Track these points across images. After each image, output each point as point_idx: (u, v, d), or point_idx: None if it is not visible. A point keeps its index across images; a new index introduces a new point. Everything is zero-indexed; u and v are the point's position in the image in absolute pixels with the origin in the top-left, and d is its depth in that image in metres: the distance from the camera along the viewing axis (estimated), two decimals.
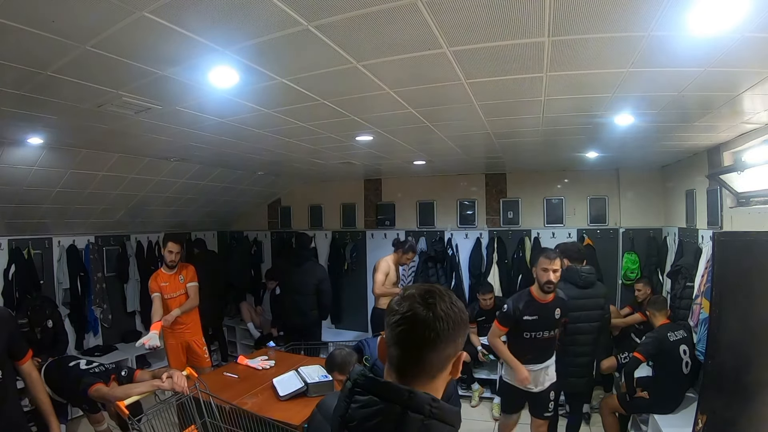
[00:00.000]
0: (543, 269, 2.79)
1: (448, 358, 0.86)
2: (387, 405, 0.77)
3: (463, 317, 0.87)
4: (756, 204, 2.93)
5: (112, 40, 1.50)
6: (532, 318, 2.83)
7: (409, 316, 0.83)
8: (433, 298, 0.85)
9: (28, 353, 2.11)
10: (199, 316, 3.92)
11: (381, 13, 1.37)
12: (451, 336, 0.84)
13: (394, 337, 0.85)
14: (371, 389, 0.80)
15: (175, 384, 2.34)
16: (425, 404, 0.77)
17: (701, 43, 1.54)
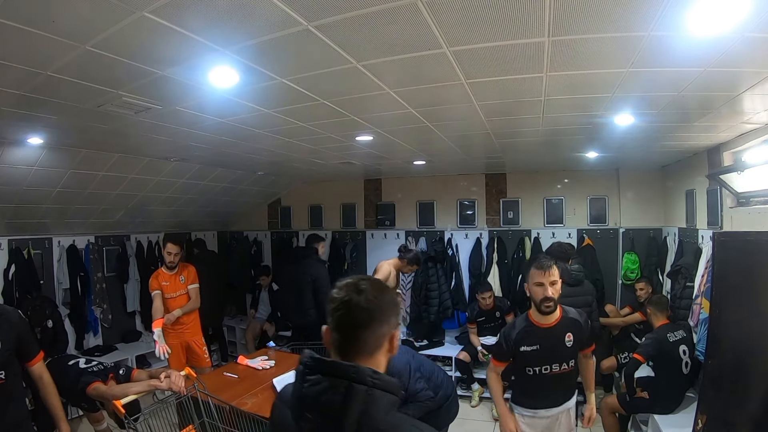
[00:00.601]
0: (537, 284, 2.16)
1: (383, 336, 0.99)
2: (334, 380, 0.88)
3: (392, 300, 1.01)
4: (756, 204, 2.93)
5: (112, 40, 1.50)
6: (532, 348, 2.21)
7: (346, 302, 0.96)
8: (363, 286, 0.98)
9: (39, 355, 2.08)
10: (199, 316, 3.93)
11: (381, 13, 1.37)
12: (383, 316, 0.97)
13: (334, 322, 0.97)
14: (320, 369, 0.91)
15: (172, 384, 2.33)
16: (367, 376, 0.89)
17: (701, 43, 1.54)
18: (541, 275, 2.14)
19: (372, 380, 0.89)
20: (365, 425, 0.87)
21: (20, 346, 1.97)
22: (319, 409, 0.89)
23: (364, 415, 0.87)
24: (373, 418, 0.88)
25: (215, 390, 2.60)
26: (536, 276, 2.16)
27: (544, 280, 2.13)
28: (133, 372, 2.72)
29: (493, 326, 4.65)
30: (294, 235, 6.22)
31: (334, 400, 0.87)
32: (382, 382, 0.90)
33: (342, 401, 0.87)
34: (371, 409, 0.88)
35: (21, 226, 4.14)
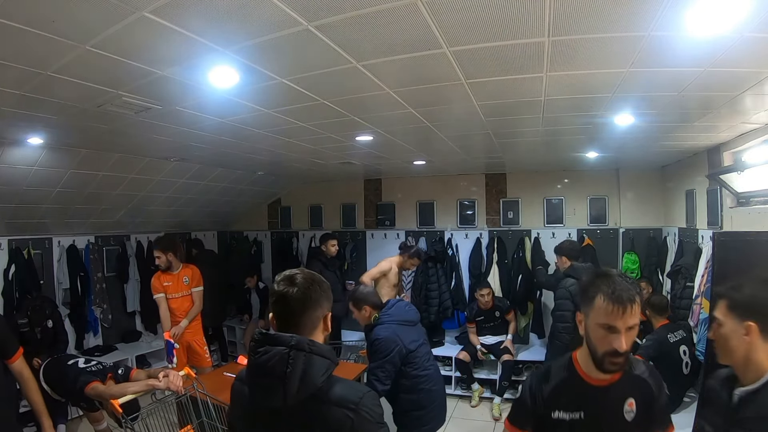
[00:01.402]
0: (604, 326, 1.27)
1: (317, 318, 1.18)
2: (279, 349, 1.08)
3: (321, 288, 1.19)
4: (756, 204, 2.93)
5: (112, 40, 1.50)
6: (572, 416, 1.35)
7: (283, 294, 1.14)
8: (298, 279, 1.16)
9: (18, 352, 2.07)
10: (200, 316, 3.93)
11: (381, 13, 1.37)
12: (311, 304, 1.15)
13: (275, 311, 1.17)
14: (267, 341, 1.10)
15: (171, 383, 2.33)
16: (305, 344, 1.09)
17: (701, 43, 1.54)
18: (617, 314, 1.22)
19: (309, 347, 1.09)
20: (305, 383, 1.06)
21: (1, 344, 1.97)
22: (268, 373, 1.07)
23: (305, 375, 1.06)
24: (312, 377, 1.07)
25: (215, 390, 2.60)
26: (606, 312, 1.24)
27: (619, 324, 1.22)
28: (132, 372, 2.72)
29: (492, 326, 4.65)
30: (294, 235, 6.22)
31: (278, 364, 1.06)
32: (318, 348, 1.10)
33: (285, 365, 1.06)
34: (310, 370, 1.07)
35: (21, 226, 4.14)
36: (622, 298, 1.23)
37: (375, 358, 2.48)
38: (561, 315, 3.38)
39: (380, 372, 2.45)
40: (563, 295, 3.39)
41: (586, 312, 1.32)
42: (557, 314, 3.44)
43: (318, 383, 1.08)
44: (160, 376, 2.40)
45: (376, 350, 2.48)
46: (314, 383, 1.07)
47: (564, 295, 3.39)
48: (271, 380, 1.07)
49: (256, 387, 1.11)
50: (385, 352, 2.46)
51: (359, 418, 1.09)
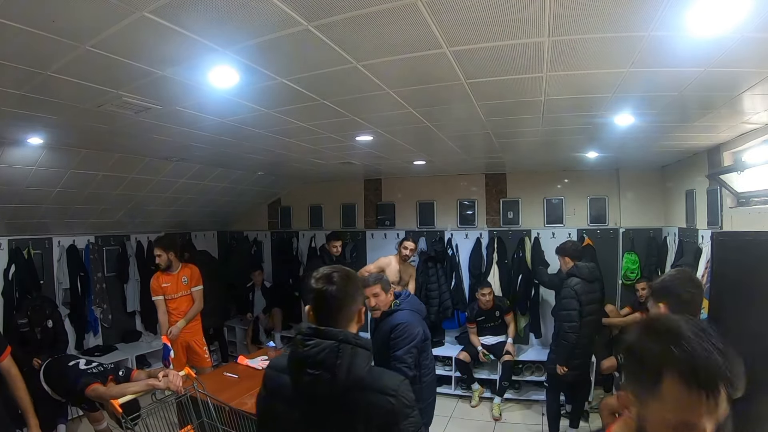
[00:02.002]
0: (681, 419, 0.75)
1: (352, 312, 1.30)
2: (329, 342, 1.19)
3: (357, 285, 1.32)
4: (756, 204, 2.93)
5: (112, 40, 1.50)
6: None
7: (322, 291, 1.26)
8: (334, 276, 1.27)
9: (6, 351, 2.09)
10: (200, 316, 3.93)
11: (381, 13, 1.37)
12: (350, 299, 1.28)
13: (314, 307, 1.28)
14: (317, 335, 1.21)
15: (170, 383, 2.33)
16: (351, 338, 1.21)
17: (701, 43, 1.54)
18: (700, 405, 0.74)
19: (355, 340, 1.21)
20: (352, 373, 1.18)
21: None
22: (318, 364, 1.17)
23: (351, 367, 1.18)
24: (357, 368, 1.19)
25: (215, 390, 2.60)
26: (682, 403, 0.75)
27: (704, 420, 0.75)
28: (132, 373, 2.72)
29: (492, 326, 4.65)
30: (294, 235, 6.22)
31: (329, 356, 1.17)
32: (362, 341, 1.23)
33: (335, 356, 1.17)
34: (356, 361, 1.19)
35: (21, 226, 4.14)
36: (712, 377, 0.75)
37: (402, 343, 2.40)
38: (567, 314, 3.40)
39: (409, 357, 2.39)
40: (569, 294, 3.41)
41: (641, 397, 0.81)
42: (563, 314, 3.44)
43: (362, 373, 1.20)
44: (159, 376, 2.40)
45: (402, 335, 2.41)
46: (359, 373, 1.19)
47: (569, 294, 3.40)
48: (321, 372, 1.16)
49: (306, 377, 1.18)
50: (412, 335, 2.42)
51: (399, 403, 1.20)
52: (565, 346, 3.41)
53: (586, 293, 3.41)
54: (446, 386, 4.70)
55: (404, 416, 1.20)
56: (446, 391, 4.68)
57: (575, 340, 3.36)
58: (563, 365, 3.44)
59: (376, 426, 1.18)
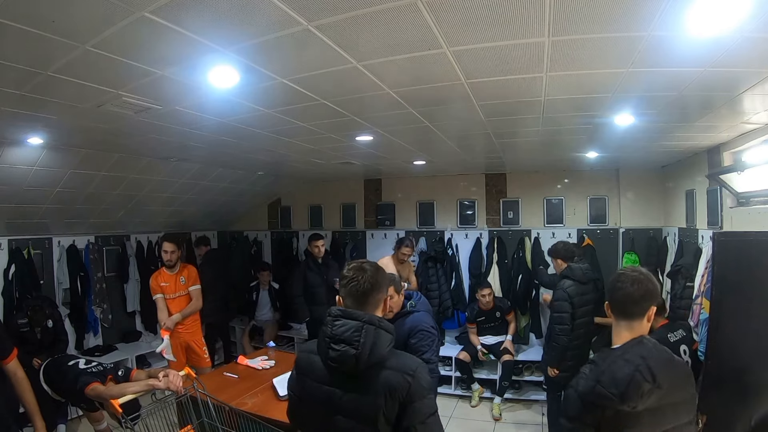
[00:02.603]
0: None
1: (379, 300, 1.46)
2: (354, 322, 1.34)
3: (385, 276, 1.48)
4: (756, 204, 2.93)
5: (112, 40, 1.50)
6: None
7: (353, 278, 1.42)
8: (366, 267, 1.45)
9: (12, 353, 2.09)
10: (199, 316, 3.94)
11: (381, 13, 1.37)
12: (377, 288, 1.43)
13: (346, 292, 1.43)
14: (344, 315, 1.37)
15: (170, 383, 2.33)
16: (375, 320, 1.36)
17: (701, 43, 1.54)
18: None
19: (379, 322, 1.36)
20: (374, 352, 1.31)
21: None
22: (343, 341, 1.32)
23: (374, 346, 1.31)
24: (379, 347, 1.33)
25: (215, 390, 2.60)
26: None
27: None
28: (132, 372, 2.72)
29: (492, 326, 4.65)
30: (294, 235, 6.22)
31: (353, 335, 1.32)
32: (385, 324, 1.37)
33: (360, 335, 1.31)
34: (378, 341, 1.33)
35: (21, 226, 4.14)
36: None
37: (427, 347, 2.38)
38: (559, 317, 3.36)
39: (435, 357, 2.40)
40: (561, 296, 3.37)
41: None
42: (555, 316, 3.42)
43: (384, 352, 1.34)
44: (159, 376, 2.40)
45: (426, 338, 2.39)
46: (381, 352, 1.33)
47: (561, 297, 3.36)
48: (347, 348, 1.31)
49: (333, 352, 1.33)
50: (433, 337, 2.42)
51: (416, 383, 1.32)
52: (556, 348, 3.38)
53: (579, 295, 3.37)
54: (446, 386, 4.70)
55: (420, 396, 1.32)
56: (446, 391, 4.68)
57: (566, 343, 3.33)
58: (554, 367, 3.43)
59: (396, 401, 1.30)
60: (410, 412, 1.31)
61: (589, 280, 3.48)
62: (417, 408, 1.31)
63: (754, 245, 2.22)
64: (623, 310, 1.56)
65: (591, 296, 3.50)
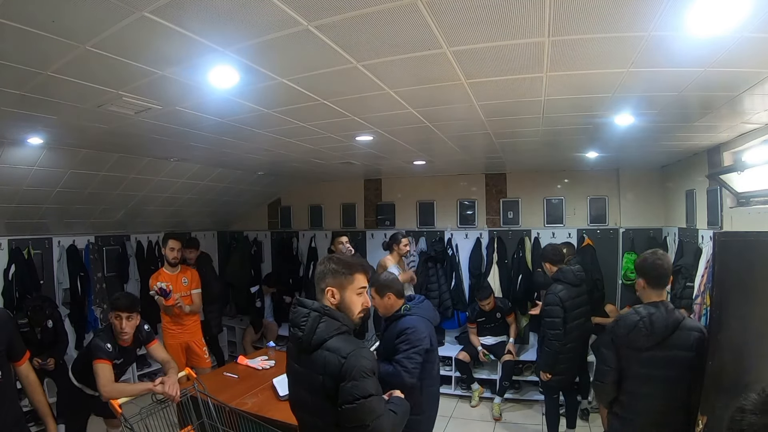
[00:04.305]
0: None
1: (325, 285, 1.63)
2: (303, 309, 1.60)
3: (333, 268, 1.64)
4: (756, 204, 2.93)
5: (112, 40, 1.50)
6: None
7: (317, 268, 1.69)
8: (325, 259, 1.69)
9: (26, 355, 2.09)
10: (199, 317, 3.94)
11: (381, 13, 1.37)
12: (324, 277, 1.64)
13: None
14: (298, 304, 1.63)
15: (168, 389, 2.34)
16: (320, 308, 1.58)
17: (701, 43, 1.54)
18: None
19: (324, 311, 1.57)
20: (317, 336, 1.54)
21: (10, 346, 1.98)
22: (296, 325, 1.58)
23: (317, 330, 1.54)
24: (322, 332, 1.54)
25: (215, 390, 2.60)
26: None
27: None
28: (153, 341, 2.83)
29: (493, 327, 4.65)
30: (294, 235, 6.22)
31: (303, 320, 1.57)
32: (330, 312, 1.58)
33: (306, 321, 1.56)
34: (321, 326, 1.55)
35: (21, 226, 4.14)
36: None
37: (404, 347, 2.36)
38: (551, 322, 3.31)
39: (409, 363, 2.33)
40: (552, 301, 3.31)
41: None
42: (547, 321, 3.36)
43: (325, 336, 1.54)
44: (156, 382, 2.39)
45: (407, 340, 2.37)
46: (322, 336, 1.53)
47: (553, 301, 3.30)
48: (298, 332, 1.56)
49: (292, 336, 1.60)
50: (415, 342, 2.37)
51: (348, 365, 1.48)
52: (548, 353, 3.34)
53: (571, 299, 3.32)
54: (446, 386, 4.70)
55: (351, 378, 1.46)
56: (446, 391, 4.68)
57: (558, 348, 3.30)
58: (546, 371, 3.39)
59: (331, 378, 1.49)
60: (342, 391, 1.47)
61: (581, 281, 3.44)
62: (347, 389, 1.46)
63: (755, 245, 2.21)
64: (659, 282, 2.17)
65: (584, 298, 3.46)
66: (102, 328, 2.81)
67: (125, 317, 2.60)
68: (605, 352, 2.17)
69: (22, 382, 2.10)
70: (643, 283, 2.24)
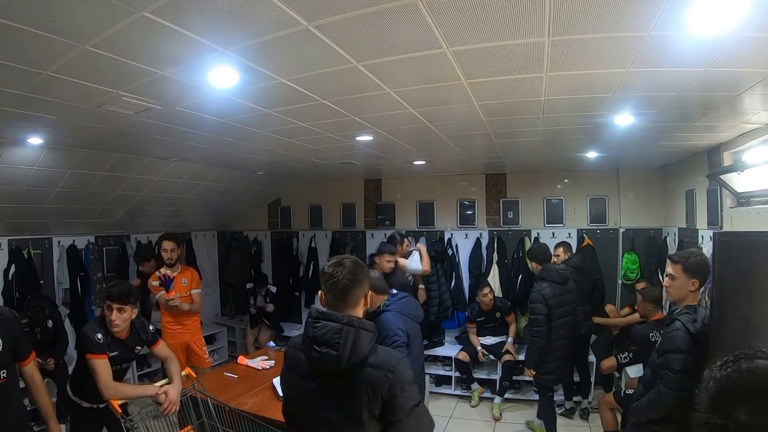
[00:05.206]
0: None
1: (358, 296, 1.47)
2: (334, 324, 1.37)
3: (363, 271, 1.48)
4: (756, 204, 2.93)
5: (112, 40, 1.50)
6: None
7: (332, 274, 1.44)
8: (344, 264, 1.46)
9: (31, 355, 2.09)
10: (199, 317, 3.94)
11: (381, 13, 1.37)
12: (356, 284, 1.44)
13: (326, 289, 1.46)
14: (324, 318, 1.40)
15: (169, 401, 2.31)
16: (354, 321, 1.39)
17: (701, 43, 1.54)
18: None
19: (358, 323, 1.39)
20: (355, 352, 1.36)
21: (17, 346, 1.97)
22: (325, 343, 1.36)
23: (354, 346, 1.35)
24: (360, 347, 1.37)
25: (215, 390, 2.59)
26: None
27: None
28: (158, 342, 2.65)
29: (492, 326, 4.65)
30: (294, 235, 6.22)
31: (333, 336, 1.35)
32: (364, 325, 1.41)
33: (338, 337, 1.35)
34: (358, 341, 1.36)
35: (21, 226, 4.14)
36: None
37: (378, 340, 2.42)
38: (534, 319, 3.38)
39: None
40: (536, 299, 3.38)
41: None
42: (531, 318, 3.44)
43: (364, 351, 1.37)
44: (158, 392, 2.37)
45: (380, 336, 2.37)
46: (361, 351, 1.37)
47: (536, 299, 3.37)
48: (328, 350, 1.35)
49: (315, 353, 1.37)
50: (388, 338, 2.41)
51: (396, 378, 1.37)
52: (532, 350, 3.41)
53: (555, 296, 3.37)
54: (446, 386, 4.71)
55: (402, 390, 1.37)
56: (446, 391, 4.68)
57: (542, 344, 3.35)
58: (531, 368, 3.47)
59: (378, 397, 1.36)
60: (393, 406, 1.36)
61: (565, 279, 3.49)
62: (399, 403, 1.36)
63: (755, 245, 2.21)
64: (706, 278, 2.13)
65: (570, 296, 3.50)
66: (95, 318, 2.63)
67: (116, 308, 2.39)
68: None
69: (27, 383, 2.09)
70: (697, 284, 2.15)
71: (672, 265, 2.23)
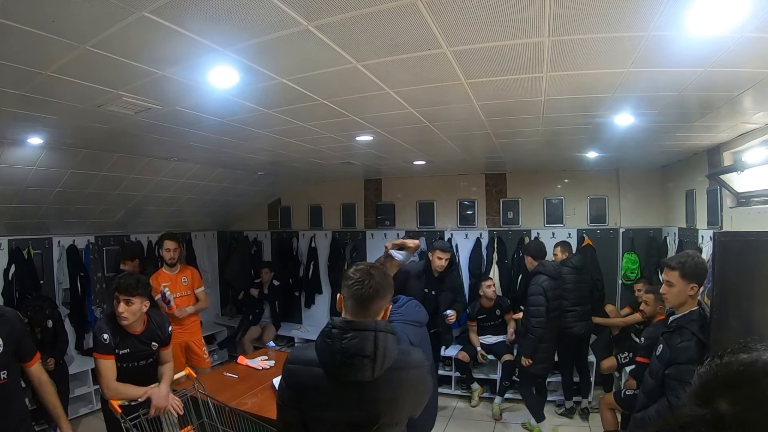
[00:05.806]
0: None
1: (381, 307, 1.43)
2: (365, 333, 1.32)
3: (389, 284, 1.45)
4: (756, 204, 2.93)
5: (112, 40, 1.50)
6: None
7: (359, 281, 1.39)
8: (371, 274, 1.41)
9: (36, 356, 2.07)
10: (199, 317, 3.95)
11: (381, 13, 1.37)
12: (381, 295, 1.40)
13: (351, 294, 1.39)
14: (352, 327, 1.33)
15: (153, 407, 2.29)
16: (383, 326, 1.36)
17: (701, 43, 1.54)
18: None
19: (386, 328, 1.36)
20: (387, 356, 1.33)
21: (20, 346, 1.97)
22: (358, 353, 1.30)
23: (386, 350, 1.33)
24: (391, 351, 1.35)
25: (215, 390, 2.59)
26: None
27: None
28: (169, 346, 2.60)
29: (493, 325, 4.65)
30: (294, 235, 6.22)
31: (367, 345, 1.31)
32: (390, 328, 1.39)
33: (373, 344, 1.31)
34: (389, 346, 1.35)
35: (21, 226, 4.14)
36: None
37: None
38: (535, 310, 3.56)
39: None
40: (536, 290, 3.57)
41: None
42: (531, 309, 3.61)
43: (395, 355, 1.36)
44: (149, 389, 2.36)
45: None
46: (393, 355, 1.36)
47: (537, 291, 3.56)
48: (363, 360, 1.31)
49: (346, 368, 1.32)
50: None
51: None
52: (531, 339, 3.59)
53: (552, 290, 3.59)
54: (446, 386, 4.70)
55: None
56: (446, 391, 4.68)
57: (541, 335, 3.54)
58: (528, 357, 3.63)
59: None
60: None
61: (559, 275, 3.71)
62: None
63: (755, 245, 2.21)
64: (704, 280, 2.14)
65: (559, 292, 3.71)
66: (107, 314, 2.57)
67: (123, 299, 2.33)
68: None
69: (34, 384, 2.07)
70: (696, 288, 2.11)
71: (669, 272, 2.17)
